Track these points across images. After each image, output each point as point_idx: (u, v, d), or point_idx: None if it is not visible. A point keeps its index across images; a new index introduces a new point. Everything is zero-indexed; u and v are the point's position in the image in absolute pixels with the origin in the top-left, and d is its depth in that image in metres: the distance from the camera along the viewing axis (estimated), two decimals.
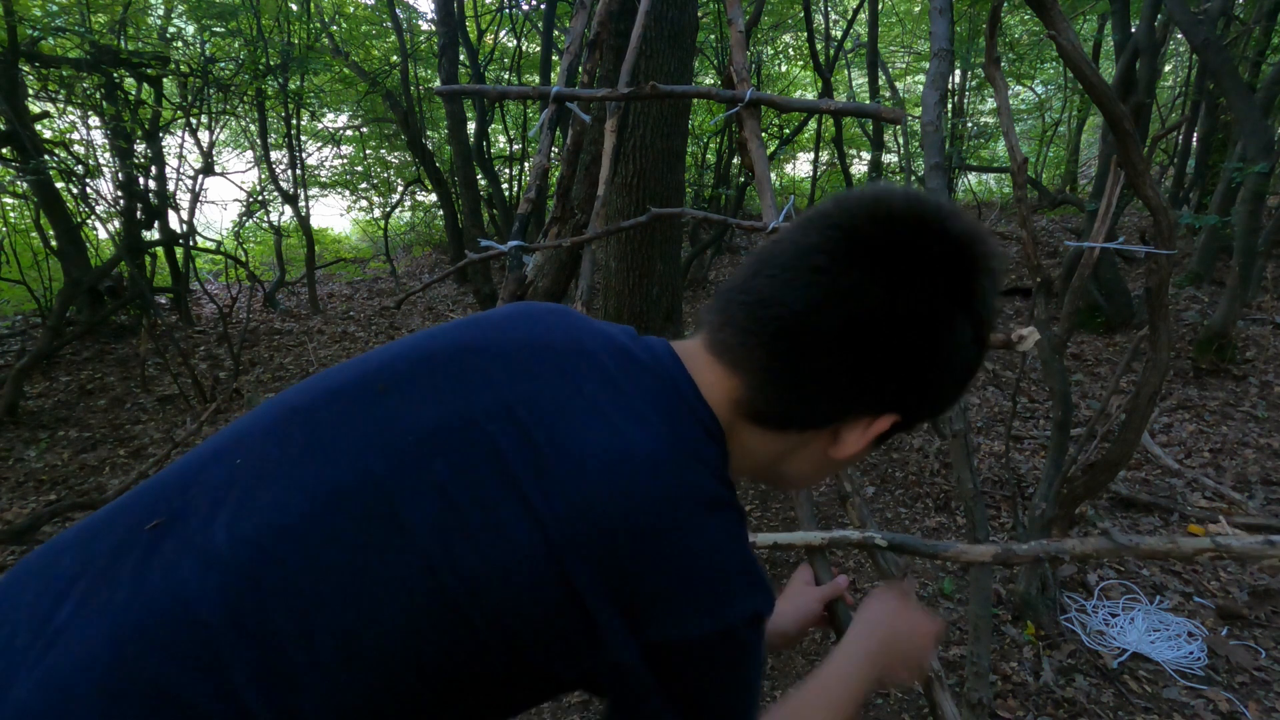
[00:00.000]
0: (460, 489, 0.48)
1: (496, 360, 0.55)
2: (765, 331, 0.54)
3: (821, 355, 0.53)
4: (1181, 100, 8.42)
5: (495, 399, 0.52)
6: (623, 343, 0.59)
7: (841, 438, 0.58)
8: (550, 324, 0.60)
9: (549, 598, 0.47)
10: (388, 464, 0.50)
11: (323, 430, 0.53)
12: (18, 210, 6.75)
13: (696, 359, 0.58)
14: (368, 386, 0.55)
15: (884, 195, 0.54)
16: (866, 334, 0.52)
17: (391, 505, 0.48)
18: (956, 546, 0.92)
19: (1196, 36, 3.96)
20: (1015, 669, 2.24)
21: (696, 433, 0.54)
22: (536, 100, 1.53)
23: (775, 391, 0.55)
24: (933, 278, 0.52)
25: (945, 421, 2.41)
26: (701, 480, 0.51)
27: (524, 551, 0.47)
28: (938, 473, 3.54)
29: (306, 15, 7.05)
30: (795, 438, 0.59)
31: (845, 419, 0.56)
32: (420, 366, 0.56)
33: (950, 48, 1.76)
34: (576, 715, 2.18)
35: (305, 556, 0.47)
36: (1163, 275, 1.66)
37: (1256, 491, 3.21)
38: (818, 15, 7.55)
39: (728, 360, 0.56)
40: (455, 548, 0.47)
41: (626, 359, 0.57)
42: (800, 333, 0.52)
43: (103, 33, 5.55)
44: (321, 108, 8.80)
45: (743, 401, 0.56)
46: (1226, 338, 4.27)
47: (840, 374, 0.53)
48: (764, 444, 0.59)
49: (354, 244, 11.83)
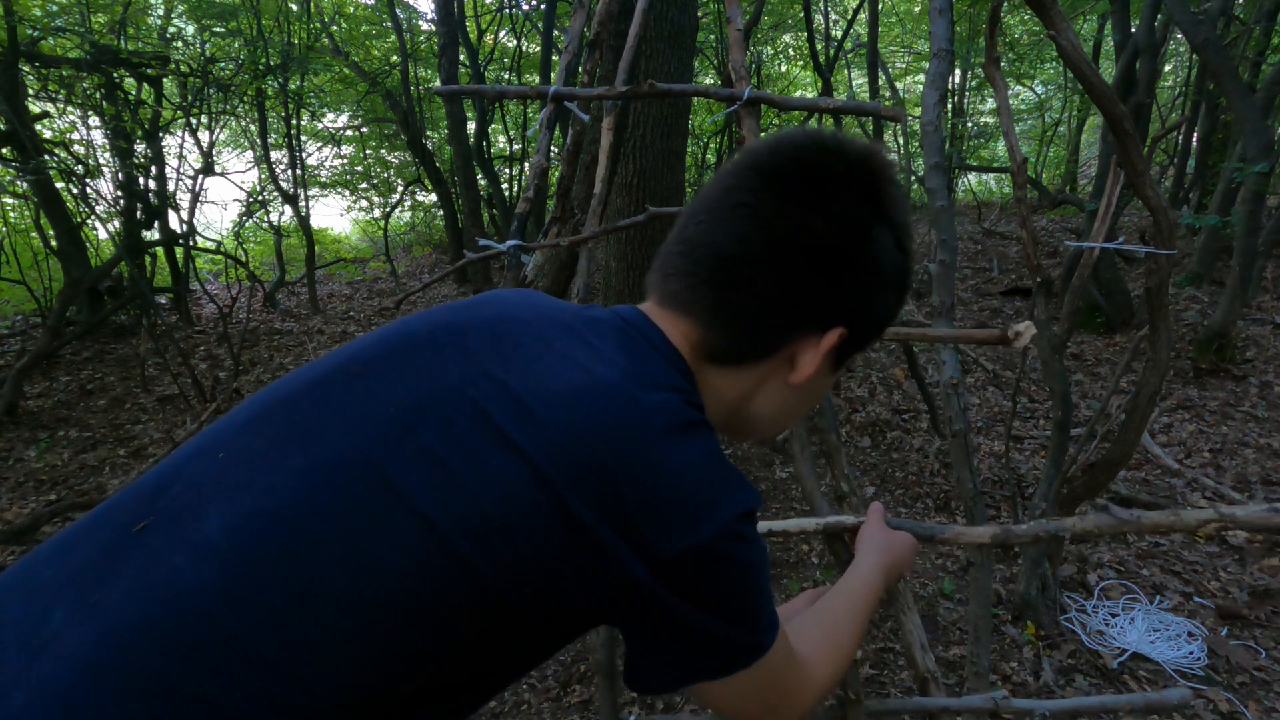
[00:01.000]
0: (448, 448, 0.49)
1: (470, 333, 0.57)
2: (705, 269, 0.59)
3: (759, 279, 0.57)
4: (1181, 100, 8.42)
5: (473, 366, 0.54)
6: (590, 312, 0.62)
7: (797, 362, 0.61)
8: (519, 302, 0.63)
9: (552, 531, 0.48)
10: (373, 436, 0.50)
11: (304, 416, 0.54)
12: (18, 210, 6.75)
13: (653, 315, 0.62)
14: (344, 371, 0.56)
15: (783, 134, 0.60)
16: (793, 251, 0.57)
17: (382, 474, 0.49)
18: (954, 529, 0.93)
19: (1196, 36, 3.96)
20: (1015, 669, 2.24)
21: (665, 367, 0.57)
22: (535, 100, 1.52)
23: (726, 324, 0.59)
24: (842, 192, 0.57)
25: (945, 421, 2.41)
26: (672, 402, 0.54)
27: (518, 491, 0.48)
28: (938, 473, 3.54)
29: (306, 15, 7.05)
30: (755, 372, 0.62)
31: (794, 338, 0.60)
32: (395, 347, 0.57)
33: (950, 48, 1.76)
34: (576, 715, 2.18)
35: (301, 536, 0.47)
36: (1163, 275, 1.66)
37: (1256, 491, 3.20)
38: (818, 15, 7.55)
39: (679, 308, 0.60)
40: (451, 501, 0.48)
41: (593, 321, 0.60)
42: (736, 263, 0.57)
43: (103, 33, 5.55)
44: (321, 108, 8.81)
45: (700, 344, 0.60)
46: (1226, 338, 4.26)
47: (779, 293, 0.58)
48: (728, 384, 0.62)
49: (354, 244, 11.83)
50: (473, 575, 0.47)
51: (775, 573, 2.82)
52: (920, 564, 2.80)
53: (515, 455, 0.49)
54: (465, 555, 0.47)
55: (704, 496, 0.52)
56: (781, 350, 0.61)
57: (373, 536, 0.47)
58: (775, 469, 3.65)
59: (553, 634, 0.53)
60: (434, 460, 0.49)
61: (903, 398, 4.44)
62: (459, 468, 0.49)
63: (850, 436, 3.98)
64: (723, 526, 0.51)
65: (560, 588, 0.49)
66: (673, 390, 0.55)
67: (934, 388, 3.97)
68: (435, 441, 0.50)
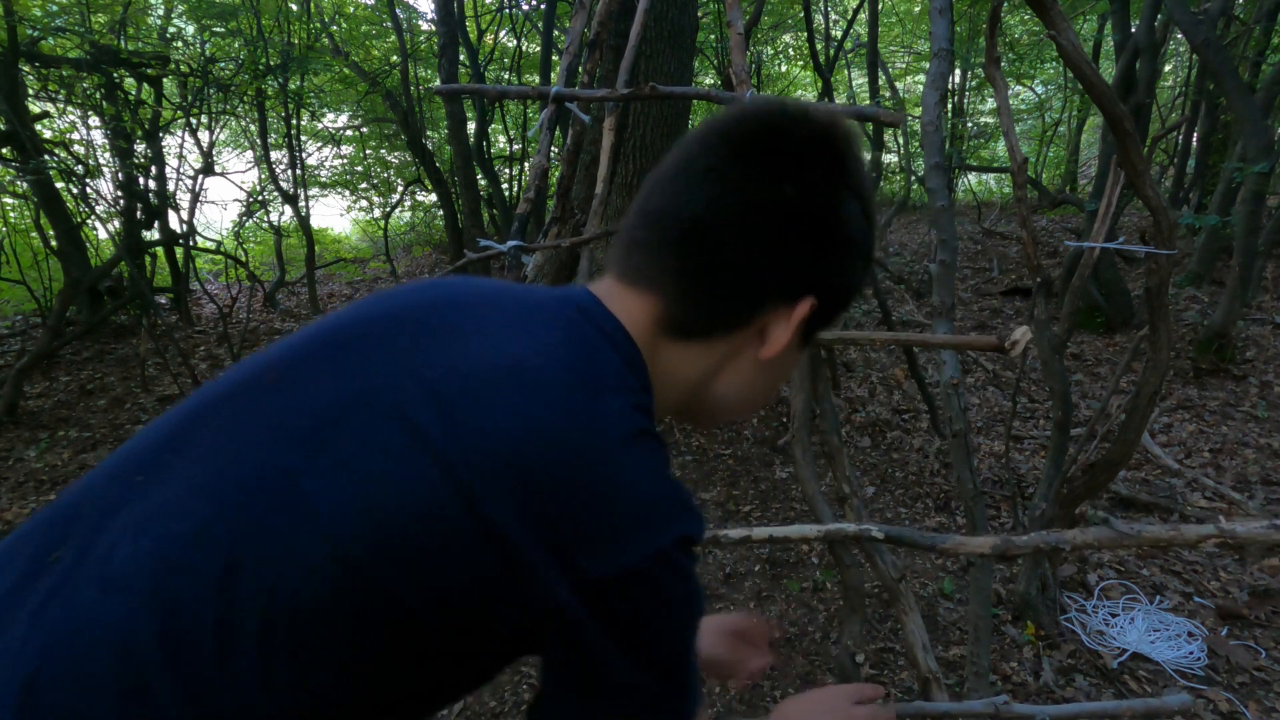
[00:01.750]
0: (367, 459, 0.46)
1: (398, 327, 0.54)
2: (671, 239, 0.56)
3: (728, 247, 0.55)
4: (1181, 100, 8.42)
5: (398, 365, 0.50)
6: (537, 295, 0.58)
7: (769, 334, 0.58)
8: (458, 285, 0.59)
9: (472, 543, 0.44)
10: (288, 451, 0.48)
11: (218, 433, 0.51)
12: (18, 210, 6.74)
13: (608, 294, 0.58)
14: (259, 380, 0.53)
15: (746, 104, 0.59)
16: (765, 217, 0.54)
17: (297, 490, 0.46)
18: (955, 538, 0.93)
19: (1196, 36, 3.96)
20: (1015, 669, 2.24)
21: (612, 357, 0.53)
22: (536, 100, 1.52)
23: (693, 295, 0.56)
24: (809, 159, 0.55)
25: (945, 421, 2.41)
26: (618, 405, 0.50)
27: (433, 501, 0.44)
28: (938, 473, 3.54)
29: (306, 15, 7.04)
30: (722, 347, 0.59)
31: (764, 309, 0.57)
32: (316, 349, 0.54)
33: (950, 48, 1.76)
34: None
35: (212, 559, 0.44)
36: (1163, 275, 1.66)
37: (1256, 491, 3.20)
38: (818, 15, 7.54)
39: (642, 282, 0.57)
40: (362, 520, 0.44)
41: (539, 306, 0.56)
42: (705, 231, 0.55)
43: (103, 33, 5.55)
44: (321, 108, 8.80)
45: (664, 318, 0.57)
46: (1226, 338, 4.26)
47: (750, 260, 0.55)
48: (691, 361, 0.59)
49: (354, 244, 11.83)
50: (387, 596, 0.44)
51: (775, 572, 2.82)
52: (920, 564, 2.80)
53: (433, 462, 0.45)
54: (378, 575, 0.44)
55: (645, 514, 0.47)
56: (752, 322, 0.58)
57: (282, 560, 0.44)
58: (775, 469, 3.65)
59: (480, 659, 0.50)
60: (351, 475, 0.46)
61: (903, 398, 4.44)
62: (374, 484, 0.45)
63: (850, 436, 3.98)
64: (659, 550, 0.47)
65: (482, 607, 0.46)
66: (620, 390, 0.51)
67: (934, 388, 3.98)
68: (354, 453, 0.46)
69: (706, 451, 3.81)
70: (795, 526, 0.92)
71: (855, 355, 5.04)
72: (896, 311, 5.67)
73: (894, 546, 1.24)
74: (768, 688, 2.25)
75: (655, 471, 0.50)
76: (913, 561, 2.78)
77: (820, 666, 2.32)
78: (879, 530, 0.95)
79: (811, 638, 2.45)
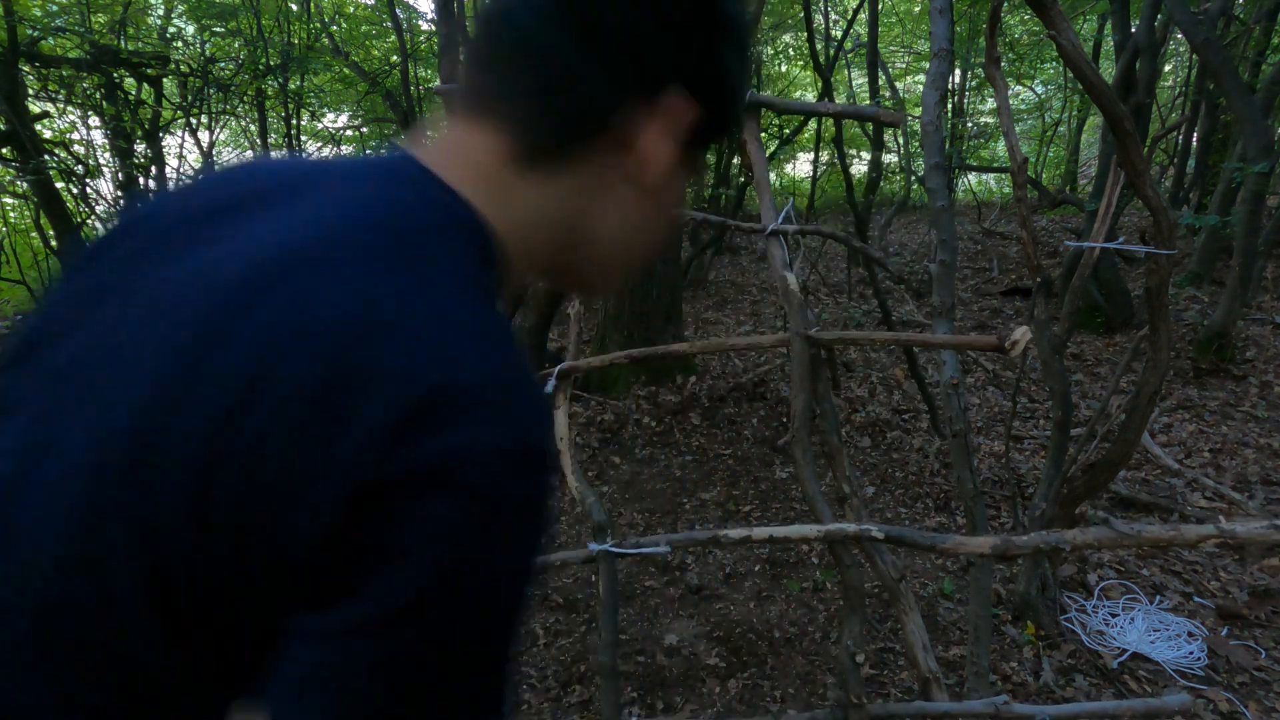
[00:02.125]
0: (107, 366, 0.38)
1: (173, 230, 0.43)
2: (509, 38, 0.47)
3: (569, 31, 0.46)
4: (1181, 100, 8.42)
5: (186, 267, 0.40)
6: (346, 163, 0.48)
7: (639, 148, 0.48)
8: (267, 166, 0.49)
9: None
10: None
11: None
12: (18, 210, 6.75)
13: (443, 143, 0.48)
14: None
15: None
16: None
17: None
18: (955, 539, 0.93)
19: (1196, 36, 3.96)
20: (1015, 669, 2.24)
21: (403, 212, 0.42)
22: None
23: (538, 95, 0.47)
24: None
25: (945, 421, 2.41)
26: (408, 276, 0.39)
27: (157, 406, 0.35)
28: (938, 473, 3.54)
29: (306, 15, 7.05)
30: (587, 170, 0.48)
31: (624, 103, 0.47)
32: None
33: (950, 48, 1.76)
34: (576, 715, 2.18)
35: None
36: (1163, 275, 1.66)
37: (1256, 491, 3.20)
38: (818, 15, 7.55)
39: (484, 108, 0.48)
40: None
41: (339, 171, 0.46)
42: (543, 21, 0.46)
43: (103, 33, 5.55)
44: (321, 108, 8.80)
45: (510, 147, 0.47)
46: (1226, 338, 4.27)
47: (596, 36, 0.46)
48: (553, 200, 0.48)
49: None
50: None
51: (775, 572, 2.82)
52: (920, 564, 2.80)
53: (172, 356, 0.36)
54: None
55: (476, 390, 0.35)
56: (612, 125, 0.47)
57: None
58: (775, 469, 3.65)
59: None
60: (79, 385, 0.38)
61: (903, 398, 4.44)
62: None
63: (850, 436, 3.98)
64: (486, 449, 0.34)
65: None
66: (421, 259, 0.40)
67: (934, 388, 3.98)
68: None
69: (706, 451, 3.81)
70: (795, 527, 0.92)
71: (855, 355, 5.04)
72: (896, 311, 5.68)
73: (894, 546, 1.25)
74: (768, 688, 2.25)
75: (499, 332, 0.39)
76: (913, 561, 2.78)
77: (820, 666, 2.32)
78: (879, 531, 0.95)
79: (811, 638, 2.45)
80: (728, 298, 7.05)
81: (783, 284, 1.20)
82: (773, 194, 1.38)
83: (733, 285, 7.49)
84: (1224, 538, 0.78)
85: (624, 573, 2.83)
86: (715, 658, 2.38)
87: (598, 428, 4.02)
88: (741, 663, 2.36)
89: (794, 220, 1.40)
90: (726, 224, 1.70)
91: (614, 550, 1.04)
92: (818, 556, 2.91)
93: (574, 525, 3.23)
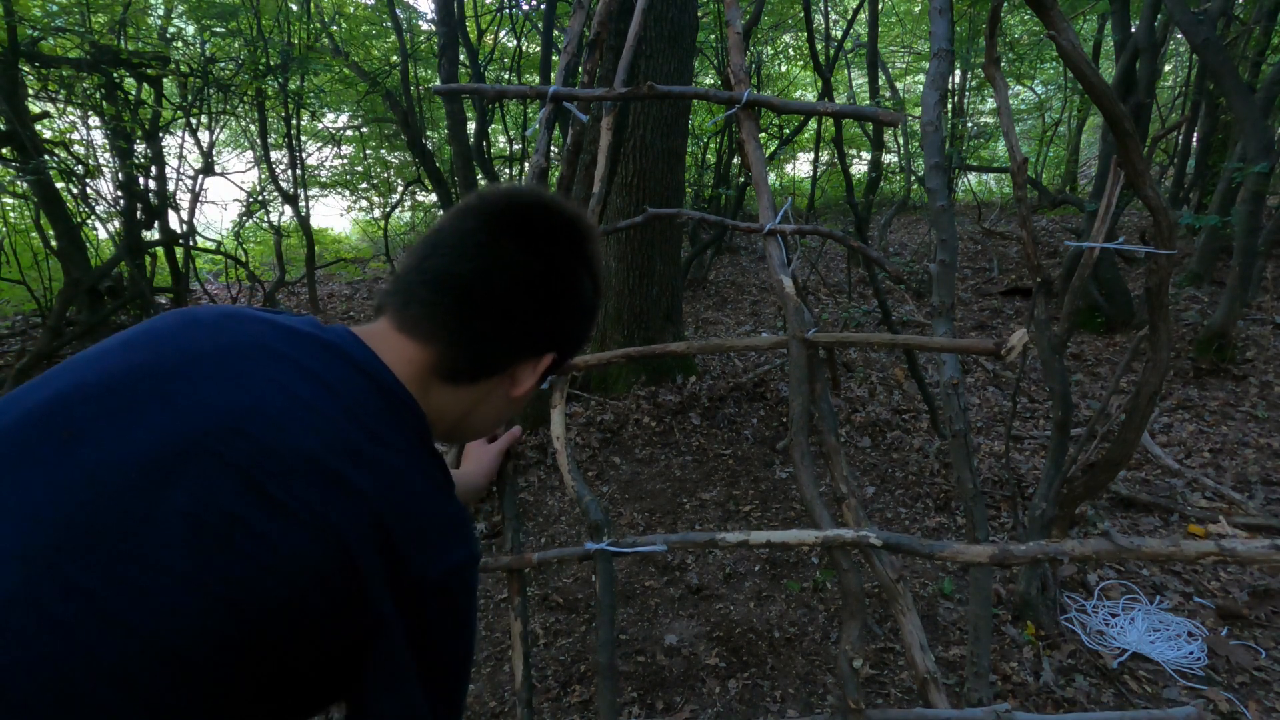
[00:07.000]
0: (207, 510, 0.49)
1: (194, 377, 0.55)
2: (448, 300, 0.66)
3: (496, 311, 0.67)
4: (1181, 100, 8.41)
5: (213, 416, 0.53)
6: (309, 334, 0.63)
7: (518, 378, 0.72)
8: (225, 328, 0.61)
9: (334, 578, 0.51)
10: (113, 506, 0.48)
11: (12, 490, 0.49)
12: (18, 210, 6.74)
13: (385, 339, 0.66)
14: (53, 433, 0.51)
15: (513, 190, 0.72)
16: (526, 288, 0.68)
17: (135, 543, 0.47)
18: (953, 546, 0.92)
19: (1196, 36, 3.95)
20: (1015, 669, 2.24)
21: (415, 426, 0.64)
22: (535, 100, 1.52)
23: (466, 349, 0.67)
24: (560, 244, 0.69)
25: (945, 421, 2.40)
26: (432, 467, 0.62)
27: (303, 548, 0.50)
28: (938, 473, 3.53)
29: (306, 15, 7.04)
30: (483, 388, 0.71)
31: (519, 360, 0.71)
32: (108, 400, 0.53)
33: (950, 48, 1.76)
34: (576, 715, 2.18)
35: (35, 620, 0.44)
36: (1163, 275, 1.66)
37: (1256, 491, 3.20)
38: (818, 15, 7.54)
39: (420, 334, 0.66)
40: (218, 565, 0.48)
41: (322, 353, 0.61)
42: (476, 295, 0.66)
43: (103, 33, 5.54)
44: (321, 108, 8.79)
45: (438, 366, 0.67)
46: (1226, 338, 4.26)
47: (512, 323, 0.68)
48: (456, 401, 0.70)
49: (354, 244, 11.83)
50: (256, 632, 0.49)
51: (775, 573, 2.82)
52: (920, 564, 2.80)
53: (283, 516, 0.50)
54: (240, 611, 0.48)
55: (451, 532, 0.60)
56: (507, 369, 0.71)
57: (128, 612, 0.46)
58: (775, 469, 3.65)
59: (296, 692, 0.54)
60: (194, 525, 0.48)
61: (903, 398, 4.44)
62: (226, 531, 0.48)
63: (850, 436, 3.98)
64: (462, 562, 0.59)
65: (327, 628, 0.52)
66: (428, 450, 0.64)
67: (934, 388, 3.97)
68: (191, 505, 0.49)
69: (706, 451, 3.81)
70: (793, 532, 0.92)
71: (855, 355, 5.04)
72: (896, 311, 5.68)
73: None
74: (768, 688, 2.25)
75: (457, 504, 0.62)
76: (912, 561, 2.77)
77: (820, 666, 2.32)
78: (877, 537, 0.95)
79: (811, 638, 2.45)
80: (728, 298, 7.05)
81: (779, 286, 1.20)
82: (772, 194, 1.38)
83: (733, 285, 7.49)
84: (1223, 555, 0.78)
85: (624, 573, 2.83)
86: (715, 658, 2.38)
87: (598, 427, 4.02)
88: (741, 663, 2.35)
89: (793, 220, 1.40)
90: (726, 224, 1.70)
91: (610, 549, 1.04)
92: (818, 556, 2.91)
93: (574, 525, 3.22)
